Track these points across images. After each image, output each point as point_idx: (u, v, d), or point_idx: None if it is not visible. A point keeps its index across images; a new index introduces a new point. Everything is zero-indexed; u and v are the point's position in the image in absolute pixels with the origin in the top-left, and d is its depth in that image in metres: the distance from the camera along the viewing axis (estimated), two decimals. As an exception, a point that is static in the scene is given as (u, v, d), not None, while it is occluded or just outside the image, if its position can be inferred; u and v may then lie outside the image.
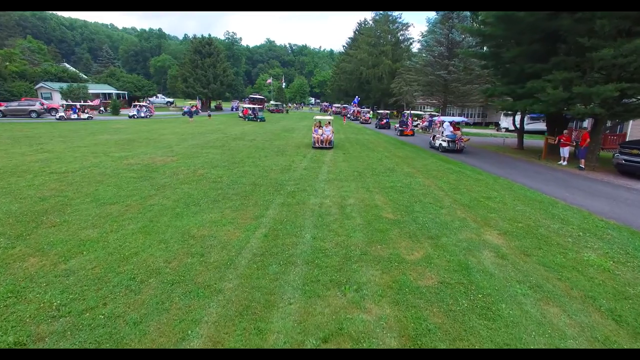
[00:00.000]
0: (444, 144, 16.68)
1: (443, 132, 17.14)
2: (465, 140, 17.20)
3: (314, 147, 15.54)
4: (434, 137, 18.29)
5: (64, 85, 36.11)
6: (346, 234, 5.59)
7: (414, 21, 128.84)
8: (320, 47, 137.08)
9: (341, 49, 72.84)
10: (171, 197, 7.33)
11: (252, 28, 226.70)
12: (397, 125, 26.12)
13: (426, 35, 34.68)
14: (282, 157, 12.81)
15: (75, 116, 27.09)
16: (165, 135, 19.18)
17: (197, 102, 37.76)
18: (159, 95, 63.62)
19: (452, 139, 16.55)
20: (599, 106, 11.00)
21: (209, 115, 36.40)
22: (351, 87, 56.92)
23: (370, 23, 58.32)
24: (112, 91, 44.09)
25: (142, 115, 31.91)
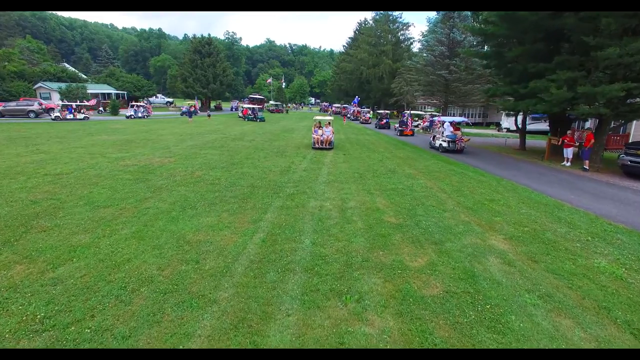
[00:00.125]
0: (444, 144, 16.55)
1: (443, 133, 16.99)
2: (465, 140, 17.08)
3: (314, 148, 15.35)
4: (434, 138, 18.15)
5: (63, 85, 35.95)
6: (347, 239, 5.40)
7: (414, 21, 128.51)
8: (320, 47, 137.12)
9: (341, 49, 72.64)
10: (167, 200, 7.15)
11: (252, 28, 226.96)
12: (397, 125, 26.01)
13: (427, 35, 34.49)
14: (282, 158, 12.62)
15: (71, 116, 26.82)
16: (163, 135, 18.99)
17: (196, 102, 37.48)
18: (159, 95, 63.46)
19: (453, 139, 16.41)
20: (604, 106, 10.81)
21: (209, 115, 36.21)
22: (351, 87, 56.73)
23: (370, 23, 58.13)
24: (112, 91, 43.92)
25: (140, 115, 31.69)
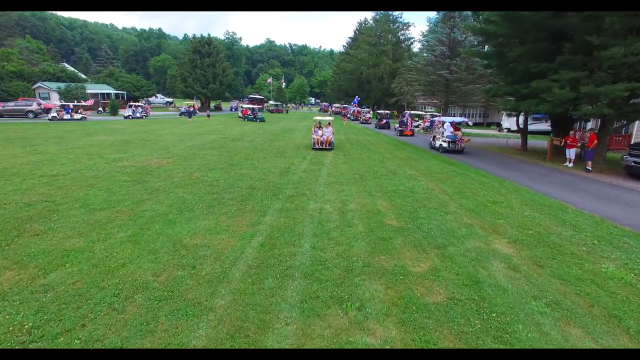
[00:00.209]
0: (444, 145, 16.49)
1: (443, 133, 16.90)
2: (465, 140, 17.04)
3: (314, 149, 15.23)
4: (434, 138, 18.08)
5: (62, 85, 35.83)
6: (347, 243, 5.27)
7: (415, 21, 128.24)
8: (320, 47, 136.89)
9: (341, 49, 72.47)
10: (164, 202, 7.02)
11: (252, 28, 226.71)
12: (397, 125, 25.95)
13: (427, 34, 34.36)
14: (281, 159, 12.50)
15: (68, 116, 26.62)
16: (163, 136, 18.87)
17: (195, 102, 37.27)
18: (159, 95, 63.37)
19: (453, 140, 16.34)
20: (607, 106, 10.67)
21: (208, 115, 36.08)
22: (351, 87, 56.59)
23: (370, 23, 57.99)
24: (111, 91, 43.80)
25: (138, 115, 31.50)
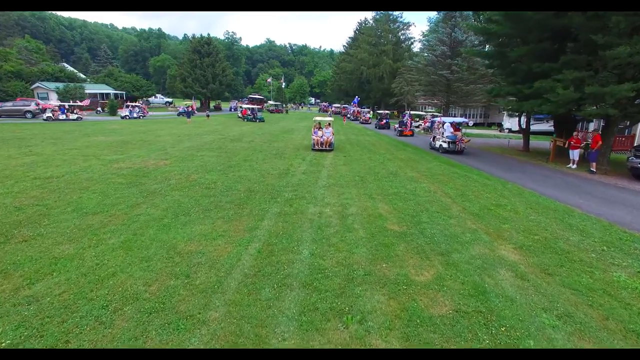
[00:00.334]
0: (445, 145, 16.39)
1: (443, 133, 16.79)
2: (465, 141, 16.95)
3: (314, 149, 15.04)
4: (434, 138, 17.99)
5: (61, 85, 35.65)
6: (348, 250, 5.08)
7: (415, 21, 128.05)
8: (320, 47, 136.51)
9: (341, 49, 72.19)
10: (160, 206, 6.84)
11: (252, 28, 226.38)
12: (397, 125, 25.86)
13: (428, 34, 34.19)
14: (280, 160, 12.31)
15: (63, 117, 26.30)
16: (161, 136, 18.68)
17: (193, 102, 36.97)
18: (158, 95, 63.12)
19: (453, 140, 16.23)
20: (613, 107, 10.48)
21: (208, 115, 35.87)
22: (351, 87, 56.38)
23: (370, 22, 57.77)
24: (110, 91, 43.61)
25: (135, 115, 31.23)
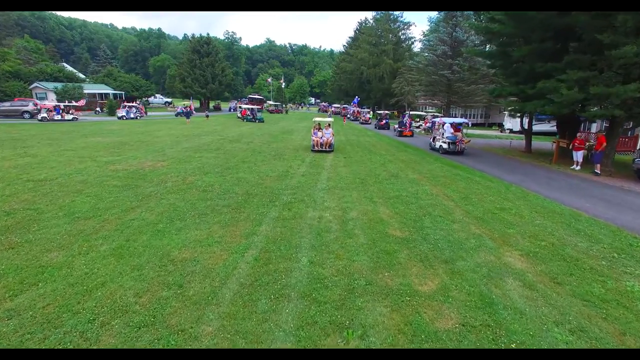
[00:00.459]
0: (445, 146, 16.28)
1: (443, 134, 16.66)
2: (465, 142, 16.83)
3: (313, 151, 14.84)
4: (434, 139, 17.86)
5: (59, 85, 35.45)
6: (348, 257, 4.89)
7: (415, 20, 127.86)
8: (320, 47, 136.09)
9: (341, 49, 71.90)
10: (155, 210, 6.65)
11: (252, 28, 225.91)
12: (397, 126, 25.79)
13: (428, 34, 34.00)
14: (280, 162, 12.12)
15: (58, 117, 26.00)
16: (159, 137, 18.49)
17: (191, 103, 36.66)
18: (157, 95, 62.95)
19: (453, 141, 16.11)
20: (618, 108, 10.28)
21: (207, 116, 35.67)
22: (351, 87, 56.16)
23: (371, 22, 57.54)
24: (109, 91, 43.39)
25: (132, 116, 30.94)
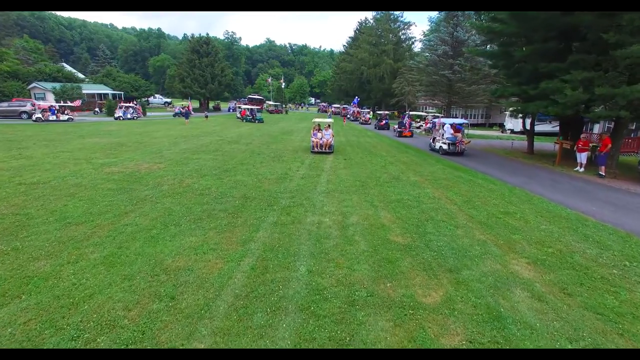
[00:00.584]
0: (444, 147, 16.15)
1: (443, 135, 16.51)
2: (465, 142, 16.69)
3: (313, 152, 14.64)
4: (434, 140, 17.72)
5: (58, 85, 35.24)
6: (348, 266, 4.69)
7: (415, 20, 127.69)
8: (320, 47, 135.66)
9: (341, 49, 71.60)
10: (149, 215, 6.45)
11: (252, 28, 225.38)
12: (396, 126, 25.76)
13: (429, 34, 33.79)
14: (279, 164, 11.92)
15: (53, 117, 25.66)
16: (157, 138, 18.28)
17: (189, 103, 36.33)
18: (157, 95, 62.69)
19: (453, 142, 15.97)
20: (624, 108, 10.08)
21: (206, 116, 35.45)
22: (352, 87, 55.92)
23: (371, 22, 57.29)
24: (108, 91, 43.16)
25: (129, 116, 30.60)
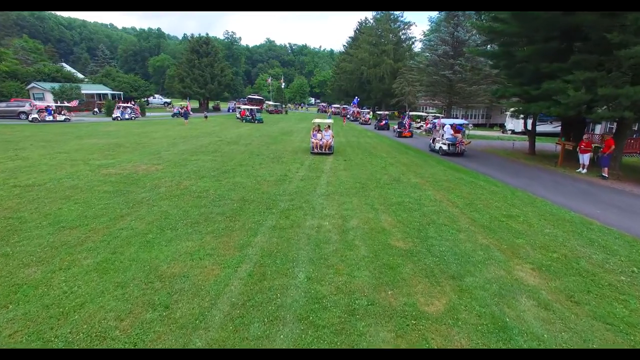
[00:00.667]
0: (444, 147, 16.05)
1: (443, 135, 16.40)
2: (466, 143, 16.59)
3: (313, 153, 14.51)
4: (434, 140, 17.61)
5: (56, 85, 35.10)
6: (348, 273, 4.56)
7: (415, 20, 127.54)
8: (320, 47, 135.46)
9: (341, 49, 71.39)
10: (145, 218, 6.32)
11: (252, 28, 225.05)
12: (396, 126, 25.70)
13: (429, 34, 33.64)
14: (278, 165, 11.78)
15: (50, 118, 25.53)
16: (156, 139, 18.15)
17: (188, 103, 36.15)
18: (156, 95, 62.56)
19: (453, 142, 15.86)
20: (628, 109, 9.94)
21: (206, 116, 35.32)
22: (352, 87, 55.76)
23: (371, 22, 57.10)
24: (108, 92, 43.05)
25: (127, 117, 30.46)
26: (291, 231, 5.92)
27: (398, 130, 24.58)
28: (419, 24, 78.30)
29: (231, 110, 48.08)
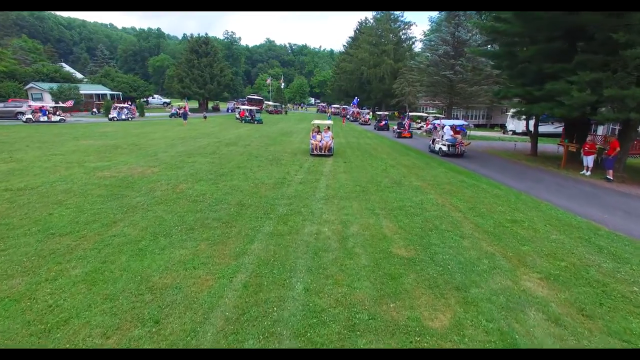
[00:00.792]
0: (444, 148, 15.92)
1: (443, 136, 16.23)
2: (465, 144, 16.44)
3: (312, 155, 14.31)
4: (434, 141, 17.47)
5: (55, 85, 34.90)
6: (348, 283, 4.36)
7: (416, 20, 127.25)
8: (320, 47, 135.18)
9: (341, 49, 71.15)
10: (139, 224, 6.12)
11: (252, 28, 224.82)
12: (396, 127, 25.55)
13: (429, 34, 33.43)
14: (277, 167, 11.58)
15: (45, 118, 25.29)
16: (154, 140, 17.94)
17: (186, 104, 35.91)
18: (156, 95, 62.36)
19: (452, 143, 15.71)
20: (635, 110, 9.73)
21: (205, 117, 35.13)
22: (352, 88, 55.53)
23: (371, 22, 56.85)
24: (107, 92, 42.83)
25: (123, 117, 30.22)
26: (289, 238, 5.72)
27: (397, 130, 24.52)
28: (419, 24, 78.25)
29: (230, 110, 47.88)
